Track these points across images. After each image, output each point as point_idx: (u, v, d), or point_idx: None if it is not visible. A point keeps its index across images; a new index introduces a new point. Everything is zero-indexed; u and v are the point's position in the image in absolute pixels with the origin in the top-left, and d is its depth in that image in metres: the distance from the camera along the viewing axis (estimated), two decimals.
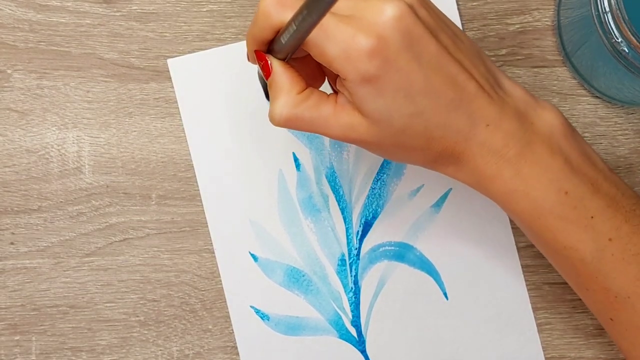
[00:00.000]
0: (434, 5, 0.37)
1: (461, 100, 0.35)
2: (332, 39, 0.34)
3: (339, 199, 0.48)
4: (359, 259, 0.48)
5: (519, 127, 0.36)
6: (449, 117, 0.36)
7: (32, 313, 0.47)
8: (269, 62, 0.37)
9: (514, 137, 0.36)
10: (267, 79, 0.37)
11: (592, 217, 0.37)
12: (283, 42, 0.36)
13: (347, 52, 0.34)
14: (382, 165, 0.48)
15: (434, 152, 0.37)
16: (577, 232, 0.37)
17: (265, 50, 0.37)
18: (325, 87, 0.40)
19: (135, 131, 0.48)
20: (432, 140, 0.36)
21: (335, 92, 0.38)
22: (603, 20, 0.40)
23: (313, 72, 0.39)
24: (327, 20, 0.34)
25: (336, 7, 0.34)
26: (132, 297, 0.47)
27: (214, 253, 0.47)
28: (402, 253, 0.48)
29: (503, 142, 0.36)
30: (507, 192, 0.37)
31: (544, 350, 0.47)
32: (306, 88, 0.37)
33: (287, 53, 0.36)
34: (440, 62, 0.35)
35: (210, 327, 0.47)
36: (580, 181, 0.37)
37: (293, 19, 0.33)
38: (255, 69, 0.39)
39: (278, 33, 0.36)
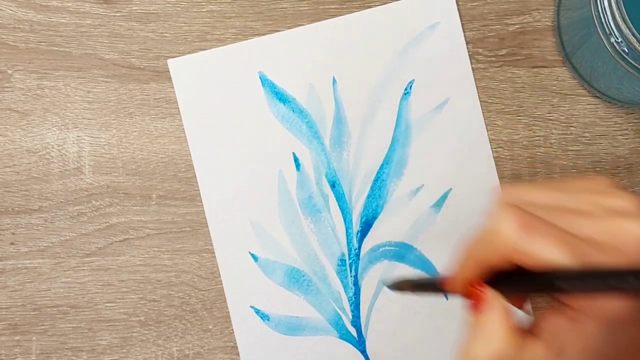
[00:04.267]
0: None
1: None
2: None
3: (339, 199, 0.48)
4: (359, 259, 0.48)
5: None
6: None
7: (32, 313, 0.47)
8: (488, 299, 0.31)
9: None
10: (474, 312, 0.32)
11: None
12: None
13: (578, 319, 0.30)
14: (382, 165, 0.48)
15: None
16: None
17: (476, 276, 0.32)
18: None
19: (135, 131, 0.48)
20: None
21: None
22: (603, 21, 0.40)
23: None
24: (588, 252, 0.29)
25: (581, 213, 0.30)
26: (132, 297, 0.47)
27: (214, 253, 0.47)
28: (402, 253, 0.48)
29: None
30: None
31: None
32: (514, 326, 0.31)
33: (516, 296, 0.31)
34: None
35: (210, 327, 0.47)
36: None
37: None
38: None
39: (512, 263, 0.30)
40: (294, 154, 0.48)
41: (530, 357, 0.31)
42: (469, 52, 0.48)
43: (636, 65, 0.40)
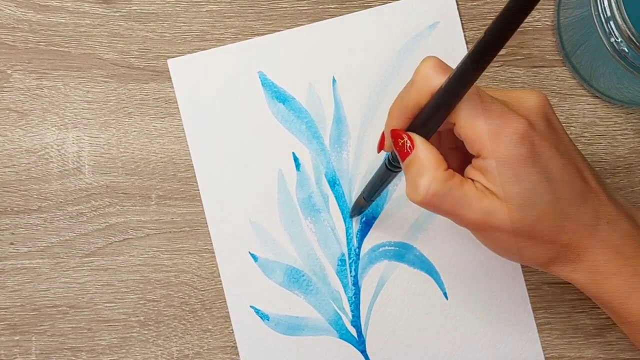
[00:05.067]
0: None
1: (588, 194, 0.37)
2: (486, 114, 0.34)
3: (339, 199, 0.48)
4: (358, 259, 0.48)
5: (632, 227, 0.37)
6: (579, 209, 0.36)
7: (32, 313, 0.47)
8: (412, 138, 0.36)
9: (631, 236, 0.37)
10: (403, 160, 0.36)
11: None
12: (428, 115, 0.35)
13: (498, 131, 0.34)
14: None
15: (559, 246, 0.37)
16: None
17: (404, 128, 0.37)
18: None
19: (135, 131, 0.48)
20: (562, 232, 0.36)
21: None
22: (603, 20, 0.40)
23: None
24: (484, 98, 0.34)
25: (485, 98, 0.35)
26: (131, 297, 0.47)
27: (214, 253, 0.47)
28: (402, 253, 0.48)
29: (622, 241, 0.37)
30: (626, 291, 0.37)
31: (544, 350, 0.47)
32: (448, 167, 0.36)
33: (430, 129, 0.36)
34: (571, 154, 0.36)
35: (210, 327, 0.47)
36: None
37: (444, 84, 0.33)
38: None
39: (424, 105, 0.35)
40: (293, 153, 0.48)
41: (459, 183, 0.35)
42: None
43: (636, 65, 0.40)
